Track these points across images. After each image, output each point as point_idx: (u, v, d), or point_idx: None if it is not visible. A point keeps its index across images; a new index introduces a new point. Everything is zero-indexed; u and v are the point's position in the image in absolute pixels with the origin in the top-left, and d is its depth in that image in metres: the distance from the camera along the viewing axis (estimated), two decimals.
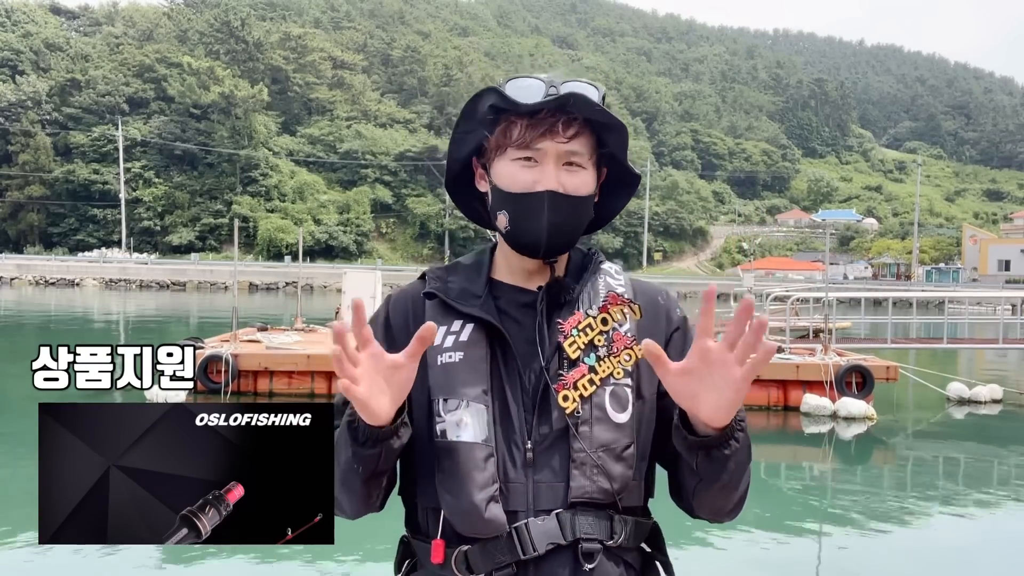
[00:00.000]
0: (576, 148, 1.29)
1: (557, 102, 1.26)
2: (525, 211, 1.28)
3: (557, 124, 1.28)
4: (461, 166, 1.41)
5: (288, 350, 12.27)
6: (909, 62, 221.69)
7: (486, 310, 1.31)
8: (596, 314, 1.30)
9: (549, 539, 1.21)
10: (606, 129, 1.32)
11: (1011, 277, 60.69)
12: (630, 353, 1.28)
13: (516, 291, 1.36)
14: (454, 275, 1.38)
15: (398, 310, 1.38)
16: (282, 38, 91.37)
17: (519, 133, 1.29)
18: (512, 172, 1.30)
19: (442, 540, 1.24)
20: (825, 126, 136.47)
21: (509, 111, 1.30)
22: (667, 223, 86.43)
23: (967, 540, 7.16)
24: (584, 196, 1.31)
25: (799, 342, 14.49)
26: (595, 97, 1.30)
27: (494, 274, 1.39)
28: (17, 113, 73.71)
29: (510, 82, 1.31)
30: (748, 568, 6.13)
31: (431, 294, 1.34)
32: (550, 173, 1.28)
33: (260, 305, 35.20)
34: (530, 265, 1.35)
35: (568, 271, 1.38)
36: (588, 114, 1.29)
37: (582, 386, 1.25)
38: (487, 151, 1.35)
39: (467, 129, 1.35)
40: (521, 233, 1.30)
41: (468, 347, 1.28)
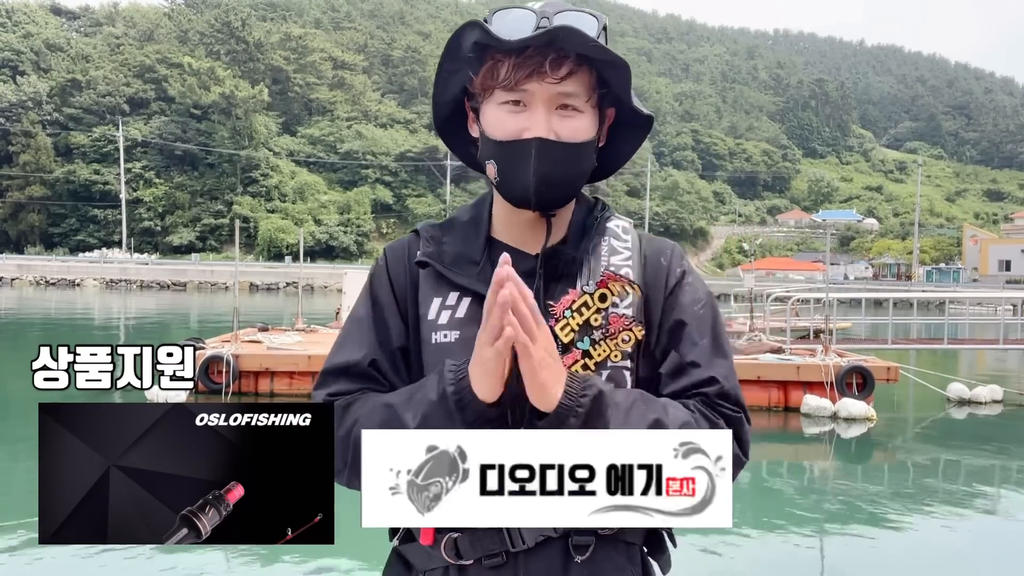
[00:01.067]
0: (570, 89, 1.16)
1: (545, 38, 1.12)
2: (512, 161, 1.17)
3: (545, 63, 1.14)
4: (451, 107, 1.29)
5: (289, 350, 12.28)
6: (909, 62, 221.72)
7: (483, 280, 1.17)
8: (593, 290, 1.20)
9: (539, 532, 1.18)
10: (605, 66, 1.18)
11: (1012, 277, 60.69)
12: (629, 334, 1.20)
13: (515, 255, 1.20)
14: (449, 235, 1.28)
15: (397, 266, 1.30)
16: (282, 38, 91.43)
17: (505, 73, 1.16)
18: (499, 117, 1.18)
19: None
20: (825, 126, 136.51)
21: (494, 48, 1.17)
22: (667, 223, 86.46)
23: (967, 540, 7.16)
24: (581, 143, 1.19)
25: (799, 343, 14.48)
26: (592, 29, 1.16)
27: (493, 231, 1.29)
28: (18, 113, 73.77)
29: (496, 14, 1.18)
30: (748, 568, 6.12)
31: (423, 262, 1.25)
32: (540, 118, 1.16)
33: (261, 305, 35.20)
34: (528, 217, 1.24)
35: (571, 228, 1.27)
36: (582, 50, 1.15)
37: (576, 371, 1.17)
38: (474, 93, 1.22)
39: (452, 68, 1.23)
40: (509, 185, 1.19)
41: (464, 325, 1.20)
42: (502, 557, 1.18)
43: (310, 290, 48.50)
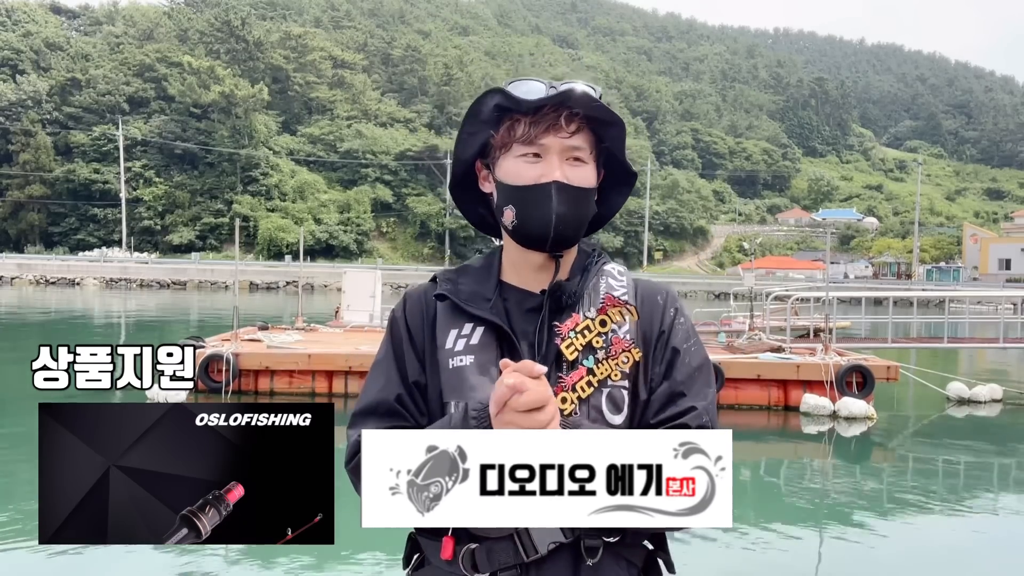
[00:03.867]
0: (578, 143, 1.34)
1: (559, 98, 1.31)
2: (533, 202, 1.32)
3: (559, 119, 1.32)
4: (464, 169, 1.44)
5: (289, 349, 12.28)
6: (910, 61, 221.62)
7: (495, 313, 1.35)
8: (594, 316, 1.34)
9: (551, 539, 1.24)
10: (605, 125, 1.37)
11: (1012, 276, 60.67)
12: (628, 355, 1.31)
13: (523, 294, 1.39)
14: (464, 277, 1.43)
15: (414, 309, 1.42)
16: (282, 37, 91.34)
17: (523, 130, 1.33)
18: (518, 168, 1.34)
19: (452, 537, 1.27)
20: (825, 125, 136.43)
21: (513, 110, 1.35)
22: (667, 222, 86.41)
23: (967, 540, 7.16)
24: (588, 188, 1.36)
25: (799, 342, 14.48)
26: (594, 94, 1.35)
27: (503, 276, 1.43)
28: (17, 112, 73.70)
29: (513, 83, 1.36)
30: (748, 568, 6.13)
31: (442, 295, 1.38)
32: (555, 166, 1.32)
33: (261, 304, 35.20)
34: (536, 261, 1.38)
35: (572, 271, 1.41)
36: (588, 110, 1.33)
37: (580, 388, 1.28)
38: (492, 150, 1.39)
39: (472, 131, 1.40)
40: (529, 225, 1.33)
41: (478, 350, 1.33)
42: (516, 570, 1.25)
43: (310, 289, 48.50)
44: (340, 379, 11.58)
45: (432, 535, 1.30)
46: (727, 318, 19.83)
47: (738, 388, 11.62)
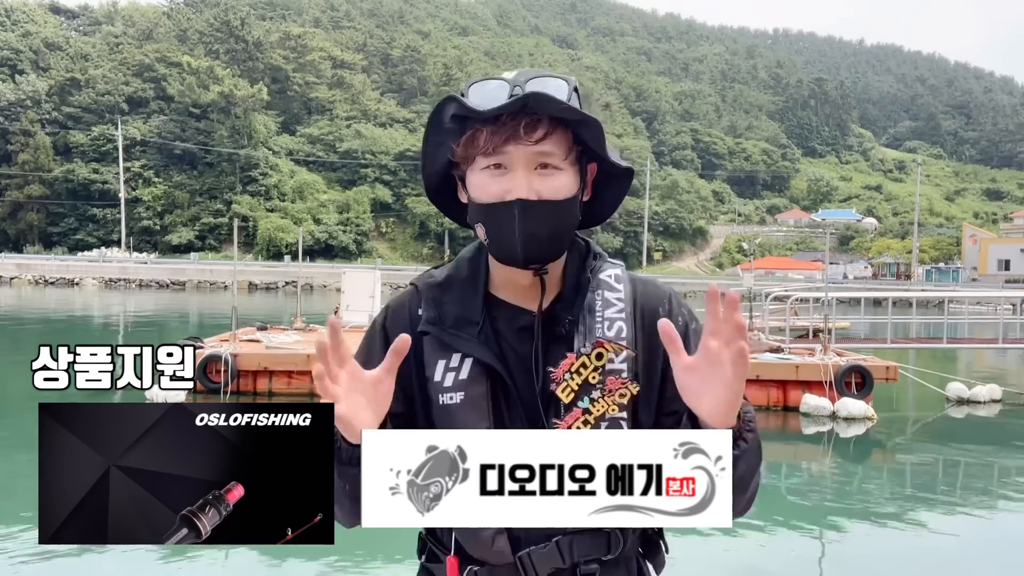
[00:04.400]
0: (547, 148, 1.22)
1: (515, 105, 1.18)
2: (498, 222, 1.23)
3: (520, 127, 1.20)
4: (441, 178, 1.34)
5: (288, 350, 12.28)
6: (909, 62, 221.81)
7: (484, 340, 1.27)
8: (590, 351, 1.27)
9: (551, 565, 1.25)
10: (578, 125, 1.24)
11: (1011, 277, 60.71)
12: (625, 391, 1.27)
13: (513, 311, 1.31)
14: (449, 294, 1.33)
15: (396, 324, 1.33)
16: (282, 37, 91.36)
17: (484, 141, 1.22)
18: (483, 182, 1.24)
19: (456, 558, 1.27)
20: (825, 126, 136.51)
21: (472, 118, 1.22)
22: (667, 222, 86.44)
23: (966, 540, 7.16)
24: (563, 200, 1.23)
25: (799, 342, 14.49)
26: (562, 92, 1.21)
27: (491, 287, 1.33)
28: (17, 112, 73.69)
29: (472, 87, 1.24)
30: (748, 568, 6.13)
31: (426, 332, 1.30)
32: (520, 180, 1.21)
33: (260, 305, 35.20)
34: (523, 276, 1.29)
35: (565, 282, 1.32)
36: (552, 112, 1.20)
37: (576, 428, 1.24)
38: (458, 163, 1.28)
39: (436, 141, 1.29)
40: (497, 246, 1.25)
41: (468, 386, 1.27)
42: None
43: (309, 289, 48.49)
44: None
45: (439, 544, 1.31)
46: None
47: None
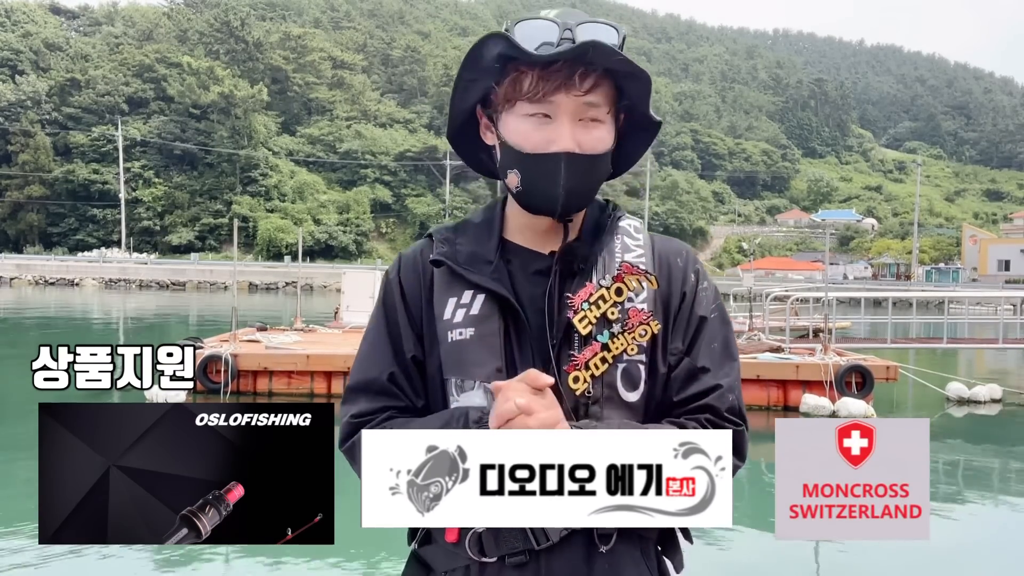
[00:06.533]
0: (594, 100, 1.18)
1: (575, 52, 1.13)
2: (540, 173, 1.18)
3: (574, 76, 1.16)
4: (464, 118, 1.30)
5: (288, 350, 12.27)
6: (909, 62, 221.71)
7: (497, 278, 1.23)
8: (609, 284, 1.22)
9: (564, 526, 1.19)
10: (627, 77, 1.20)
11: (1011, 277, 60.67)
12: (646, 328, 1.22)
13: (529, 255, 1.27)
14: (463, 236, 1.30)
15: (409, 271, 1.31)
16: (282, 38, 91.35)
17: (530, 85, 1.17)
18: (524, 129, 1.19)
19: None
20: (825, 126, 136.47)
21: (519, 60, 1.17)
22: (667, 223, 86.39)
23: (967, 540, 7.16)
24: (602, 153, 1.21)
25: (799, 342, 14.48)
26: (615, 41, 1.17)
27: (506, 233, 1.30)
28: (17, 113, 73.70)
29: (518, 25, 1.18)
30: (748, 568, 6.13)
31: (438, 261, 1.26)
32: (566, 131, 1.17)
33: (260, 305, 35.18)
34: (543, 224, 1.26)
35: (584, 229, 1.29)
36: (609, 64, 1.16)
37: (594, 365, 1.19)
38: (494, 102, 1.23)
39: (472, 77, 1.23)
40: (533, 196, 1.21)
41: (479, 322, 1.22)
42: (525, 555, 1.19)
43: (309, 290, 48.47)
44: (339, 380, 11.56)
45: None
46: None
47: None
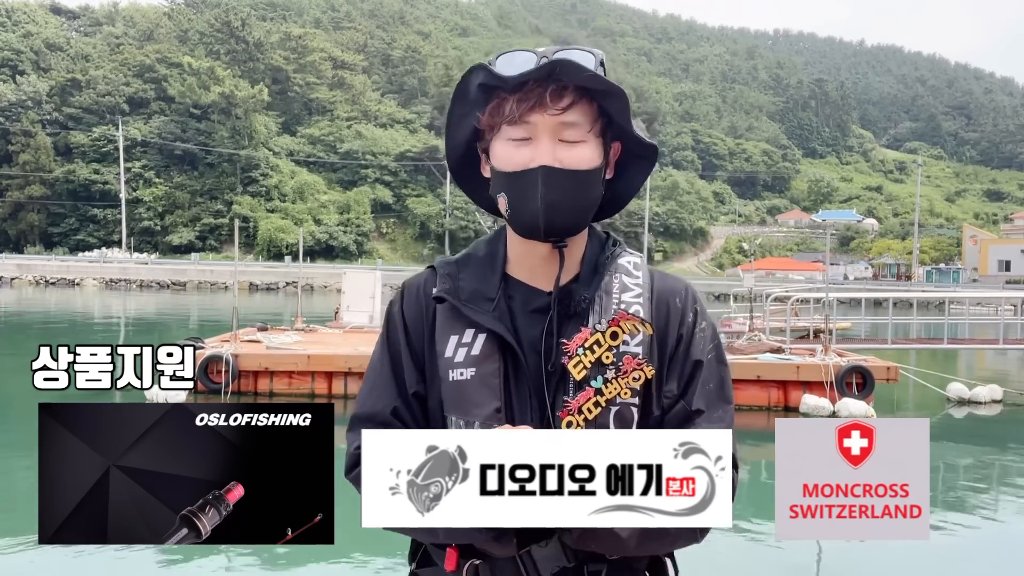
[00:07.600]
0: (572, 119, 1.22)
1: (542, 71, 1.18)
2: (521, 190, 1.22)
3: (546, 95, 1.20)
4: (464, 151, 1.34)
5: (288, 350, 12.27)
6: (909, 62, 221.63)
7: (499, 316, 1.25)
8: (605, 328, 1.23)
9: (555, 563, 1.21)
10: (604, 96, 1.24)
11: (1011, 277, 60.67)
12: (640, 373, 1.24)
13: (529, 292, 1.29)
14: (466, 271, 1.32)
15: (413, 305, 1.33)
16: (282, 38, 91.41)
17: (509, 109, 1.22)
18: (507, 151, 1.23)
19: (456, 549, 1.23)
20: (825, 126, 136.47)
21: (499, 87, 1.23)
22: (667, 223, 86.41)
23: (967, 540, 7.15)
24: (585, 170, 1.23)
25: (799, 342, 14.48)
26: (589, 63, 1.21)
27: (508, 268, 1.32)
28: (17, 113, 73.73)
29: (500, 57, 1.24)
30: (748, 568, 6.13)
31: (441, 298, 1.28)
32: (544, 148, 1.21)
33: (260, 305, 35.19)
34: (541, 252, 1.28)
35: (584, 263, 1.31)
36: (579, 81, 1.20)
37: (587, 410, 1.21)
38: (483, 134, 1.28)
39: (461, 112, 1.29)
40: (519, 214, 1.24)
41: (480, 362, 1.24)
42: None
43: (309, 290, 48.48)
44: (340, 380, 11.57)
45: (436, 544, 1.28)
46: (727, 319, 19.81)
47: (738, 389, 11.53)
